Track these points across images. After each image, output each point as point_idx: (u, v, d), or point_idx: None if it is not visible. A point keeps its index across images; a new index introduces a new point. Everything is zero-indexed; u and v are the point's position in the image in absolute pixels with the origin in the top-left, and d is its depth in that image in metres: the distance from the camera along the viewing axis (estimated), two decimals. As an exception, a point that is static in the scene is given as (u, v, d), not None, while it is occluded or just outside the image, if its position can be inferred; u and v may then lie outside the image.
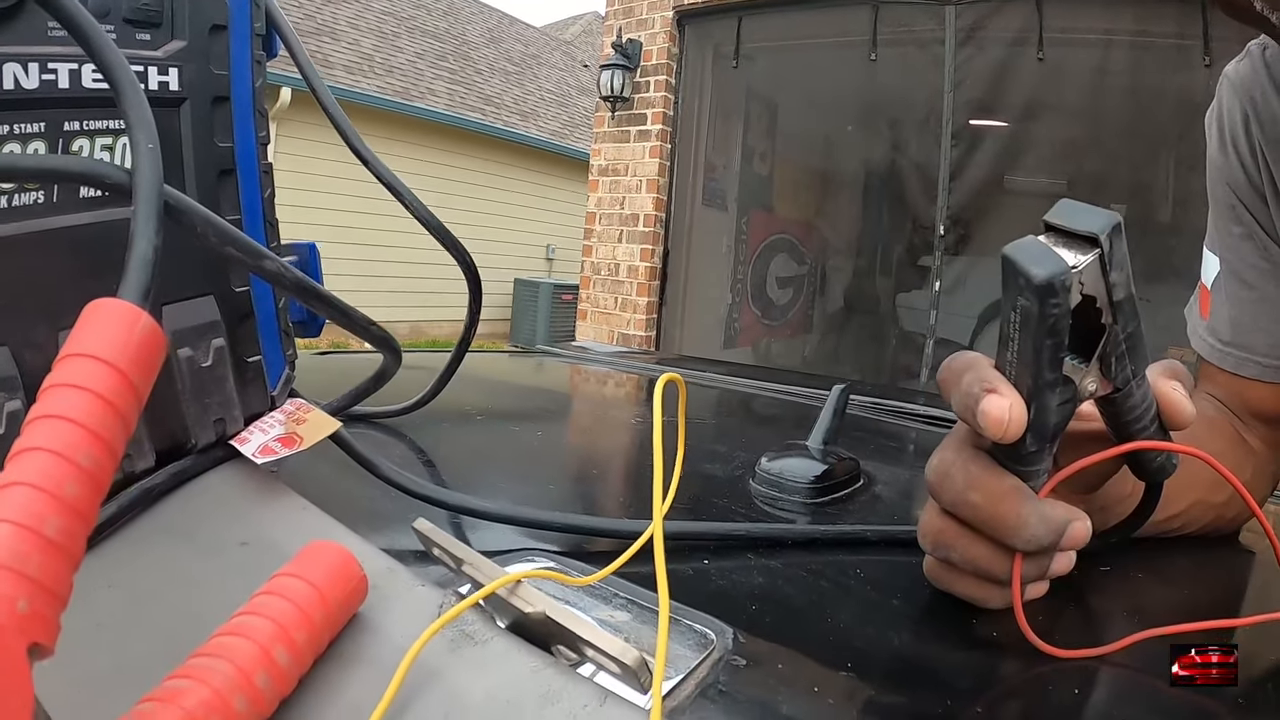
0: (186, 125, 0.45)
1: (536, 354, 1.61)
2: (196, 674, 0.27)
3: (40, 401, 0.24)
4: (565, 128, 11.94)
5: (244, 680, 0.28)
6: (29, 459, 0.22)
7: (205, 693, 0.26)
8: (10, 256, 0.38)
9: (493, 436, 0.78)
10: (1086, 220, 0.36)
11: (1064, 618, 0.45)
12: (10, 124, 0.38)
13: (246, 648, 0.28)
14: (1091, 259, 0.36)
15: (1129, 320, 0.38)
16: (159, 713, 0.25)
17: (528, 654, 0.32)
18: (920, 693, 0.37)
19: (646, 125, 5.15)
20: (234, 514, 0.43)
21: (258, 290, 0.49)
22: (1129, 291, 0.37)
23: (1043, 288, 0.34)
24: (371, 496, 0.52)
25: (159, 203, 0.33)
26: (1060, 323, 0.35)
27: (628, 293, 5.26)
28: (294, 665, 0.30)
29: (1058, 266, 0.35)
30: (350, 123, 0.61)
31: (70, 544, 0.22)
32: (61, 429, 0.23)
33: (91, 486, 0.23)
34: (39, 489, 0.22)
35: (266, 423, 0.49)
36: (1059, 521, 0.40)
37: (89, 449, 0.23)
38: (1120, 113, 4.15)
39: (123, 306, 0.27)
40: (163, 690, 0.26)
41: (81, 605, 0.24)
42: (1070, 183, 4.44)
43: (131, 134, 0.35)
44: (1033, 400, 0.38)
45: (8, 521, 0.21)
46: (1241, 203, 0.67)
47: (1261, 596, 0.52)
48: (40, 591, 0.21)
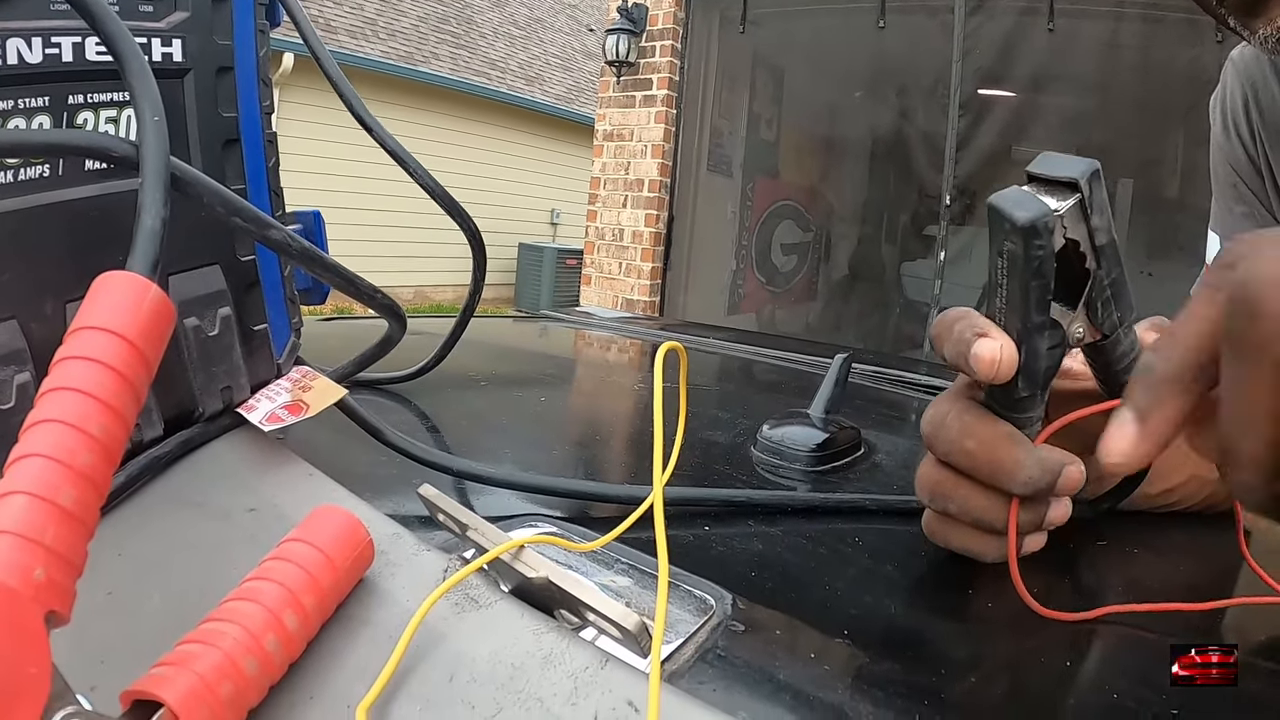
0: (191, 96, 0.45)
1: (540, 319, 1.61)
2: (208, 638, 0.27)
3: (53, 374, 0.24)
4: (570, 92, 11.84)
5: (255, 644, 0.28)
6: (43, 431, 0.23)
7: (217, 656, 0.27)
8: (17, 230, 0.38)
9: (497, 402, 0.79)
10: (1066, 168, 0.38)
11: (1057, 588, 0.45)
12: (14, 99, 0.38)
13: (256, 612, 0.29)
14: (1073, 202, 0.37)
15: (1112, 265, 0.39)
16: (172, 677, 0.26)
17: (531, 618, 0.32)
18: (916, 661, 0.37)
19: (652, 90, 5.11)
20: (241, 481, 0.44)
21: (263, 258, 0.49)
22: (1111, 236, 0.39)
23: (1027, 230, 0.36)
24: (377, 463, 0.52)
25: (166, 175, 0.34)
26: (1045, 265, 0.37)
27: (632, 258, 5.24)
28: (302, 629, 0.30)
29: (1041, 209, 0.36)
30: (354, 89, 0.61)
31: (84, 513, 0.23)
32: (75, 401, 0.23)
33: (104, 457, 0.24)
34: (54, 460, 0.22)
35: (273, 390, 0.50)
36: (1054, 464, 0.40)
37: (102, 420, 0.24)
38: (1130, 86, 4.10)
39: (132, 279, 0.28)
40: (175, 654, 0.27)
41: (92, 573, 0.25)
42: (1078, 154, 4.39)
43: (137, 106, 0.35)
44: (1023, 343, 0.39)
45: (23, 492, 0.21)
46: (1243, 181, 0.68)
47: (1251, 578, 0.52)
48: (56, 560, 0.21)
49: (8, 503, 0.22)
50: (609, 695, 0.29)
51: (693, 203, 5.26)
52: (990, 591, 0.43)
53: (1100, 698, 0.32)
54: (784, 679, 0.34)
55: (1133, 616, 0.40)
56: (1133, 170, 4.32)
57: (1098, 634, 0.39)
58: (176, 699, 0.25)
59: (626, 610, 0.29)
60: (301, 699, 0.30)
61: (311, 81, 7.24)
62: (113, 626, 0.33)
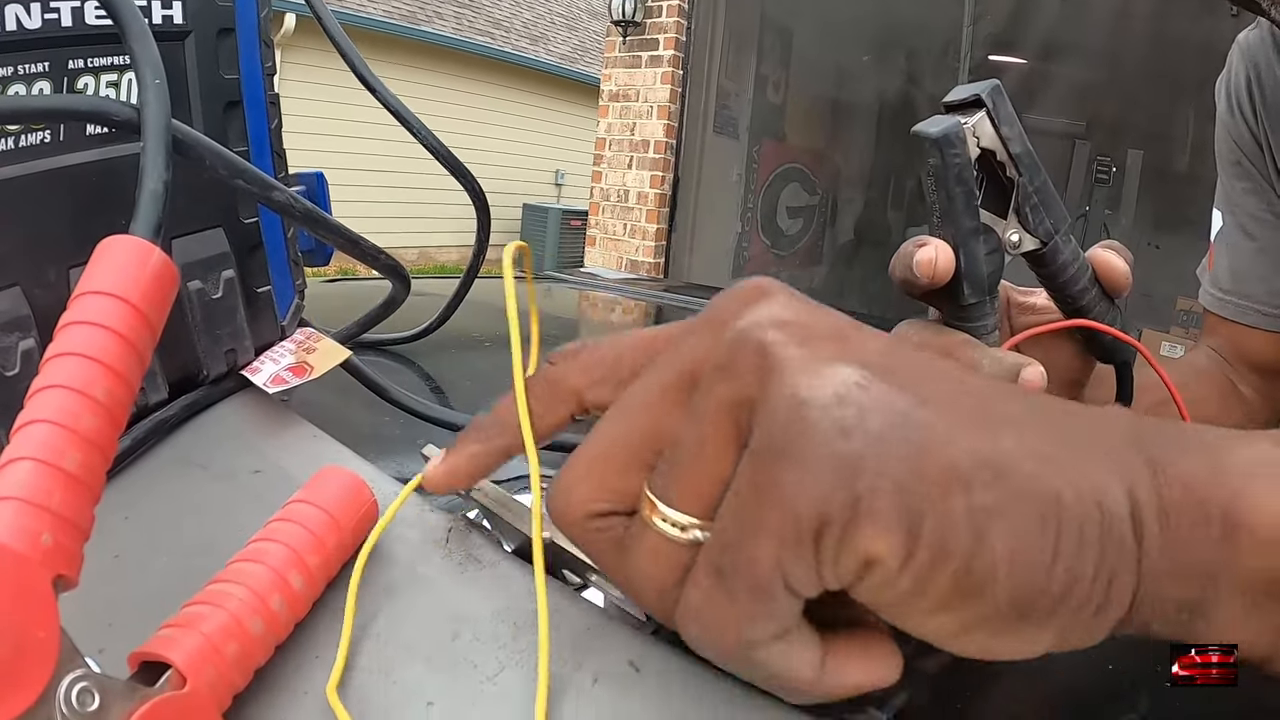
0: (192, 58, 0.44)
1: (545, 280, 1.61)
2: (214, 599, 0.28)
3: (58, 339, 0.24)
4: (575, 52, 11.74)
5: (261, 605, 0.28)
6: (49, 396, 0.23)
7: (223, 617, 0.27)
8: (19, 197, 0.38)
9: (500, 362, 0.79)
10: (971, 90, 0.42)
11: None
12: (15, 65, 0.38)
13: (262, 573, 0.29)
14: (980, 115, 0.41)
15: (1033, 173, 0.43)
16: (179, 638, 0.26)
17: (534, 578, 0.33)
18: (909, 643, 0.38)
19: (658, 50, 5.05)
20: (246, 443, 0.44)
21: (266, 221, 0.49)
22: (1025, 146, 0.42)
23: (941, 139, 0.40)
24: (381, 423, 0.53)
25: (168, 138, 0.33)
26: (965, 171, 0.41)
27: (637, 219, 5.22)
28: (308, 589, 0.31)
29: (951, 123, 0.41)
30: (356, 49, 0.61)
31: (90, 478, 0.23)
32: (80, 366, 0.24)
33: (109, 421, 0.24)
34: (59, 425, 0.22)
35: (277, 352, 0.50)
36: (1011, 362, 0.41)
37: (106, 384, 0.24)
38: (1142, 57, 4.05)
39: (135, 243, 0.28)
40: (182, 616, 0.27)
41: (99, 536, 0.25)
42: (1088, 124, 4.36)
43: (137, 69, 0.34)
44: (959, 247, 0.42)
45: (30, 458, 0.22)
46: (1246, 158, 0.70)
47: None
48: (63, 525, 0.22)
49: (13, 468, 0.22)
50: (610, 655, 0.29)
51: (698, 165, 5.23)
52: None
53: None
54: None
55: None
56: (1142, 142, 4.28)
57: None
58: (184, 660, 0.25)
59: (628, 572, 0.30)
60: (308, 659, 0.30)
61: (313, 42, 7.17)
62: (120, 589, 0.34)
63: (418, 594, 0.33)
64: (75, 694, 0.21)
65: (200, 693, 0.25)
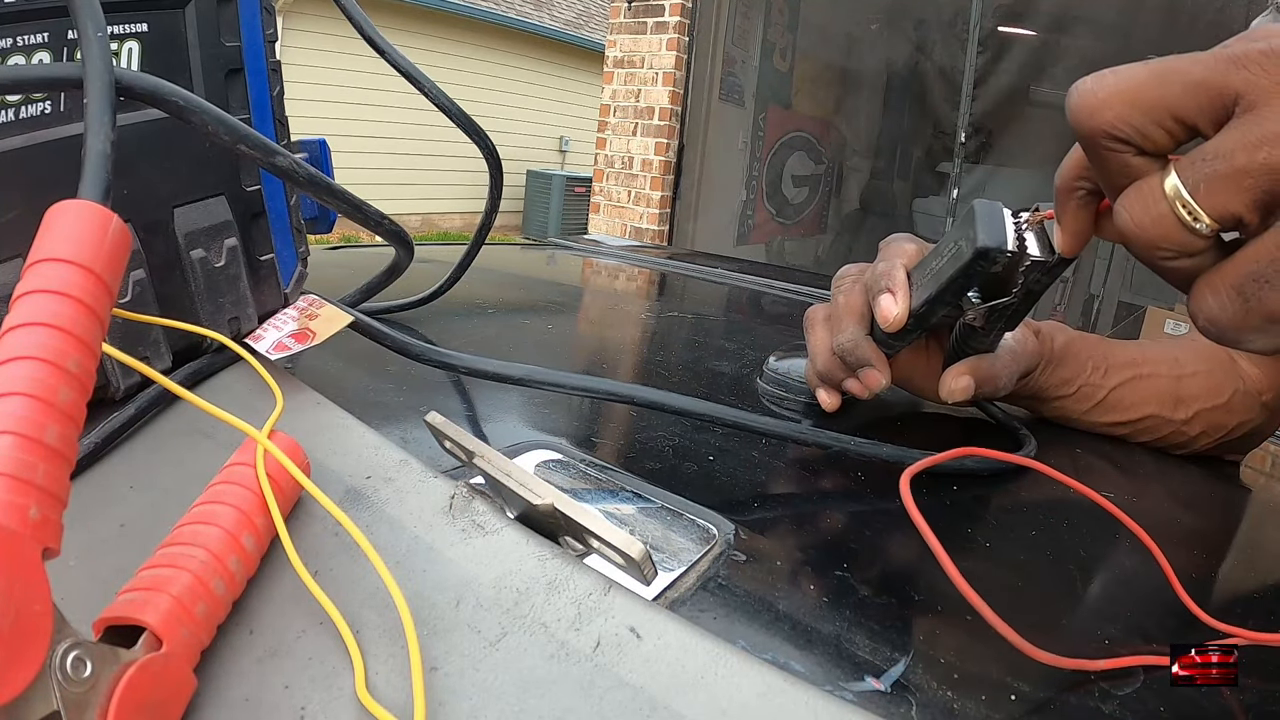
0: (193, 25, 0.44)
1: (549, 247, 1.60)
2: (176, 562, 0.29)
3: (22, 306, 0.24)
4: (580, 17, 11.61)
5: (220, 565, 0.29)
6: (24, 368, 0.23)
7: (188, 579, 0.28)
8: (19, 168, 0.38)
9: (504, 329, 0.79)
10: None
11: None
12: (14, 35, 0.37)
13: (217, 535, 0.30)
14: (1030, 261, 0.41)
15: (1030, 303, 0.45)
16: (151, 600, 0.27)
17: (536, 544, 0.33)
18: (913, 596, 0.38)
19: (664, 17, 5.00)
20: (250, 410, 0.44)
21: (269, 188, 0.49)
22: (1043, 290, 0.44)
23: (979, 251, 0.41)
24: (383, 390, 0.53)
25: (111, 94, 0.32)
26: (979, 278, 0.44)
27: (641, 186, 5.19)
28: (257, 548, 0.32)
29: (999, 240, 0.41)
30: (364, 13, 0.60)
31: (67, 449, 0.23)
32: (51, 337, 0.24)
33: (80, 391, 0.24)
34: (37, 399, 0.23)
35: (280, 319, 0.50)
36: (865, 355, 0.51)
37: (77, 355, 0.24)
38: (1154, 34, 4.00)
39: (91, 208, 0.27)
40: (142, 579, 0.28)
41: (104, 506, 0.25)
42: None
43: (78, 22, 0.33)
44: (924, 306, 0.47)
45: (12, 433, 0.22)
46: None
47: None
48: (47, 498, 0.22)
49: (-2, 443, 0.22)
50: (611, 621, 0.30)
51: (703, 132, 5.18)
52: (989, 532, 0.43)
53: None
54: (783, 609, 0.34)
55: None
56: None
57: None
58: (158, 621, 0.26)
59: (630, 538, 0.30)
60: (311, 624, 0.30)
61: (315, 8, 7.12)
62: (126, 558, 0.34)
63: (420, 561, 0.33)
64: (69, 662, 0.22)
65: (176, 653, 0.26)
